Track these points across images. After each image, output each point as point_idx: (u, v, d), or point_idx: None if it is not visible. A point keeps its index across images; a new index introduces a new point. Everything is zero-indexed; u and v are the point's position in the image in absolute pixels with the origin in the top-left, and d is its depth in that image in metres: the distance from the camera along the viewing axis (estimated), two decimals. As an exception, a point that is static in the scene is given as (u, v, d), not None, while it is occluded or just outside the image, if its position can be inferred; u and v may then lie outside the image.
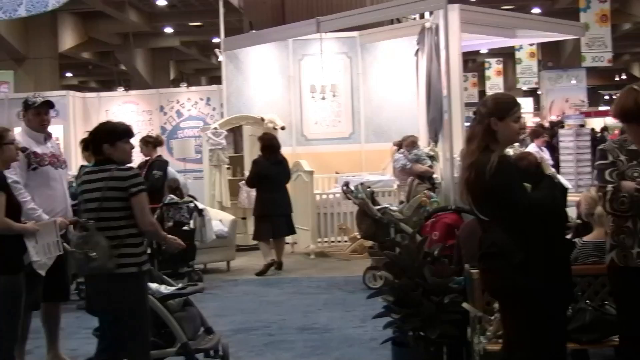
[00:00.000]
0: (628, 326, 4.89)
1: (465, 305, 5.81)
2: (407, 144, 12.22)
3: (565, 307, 4.81)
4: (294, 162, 13.99)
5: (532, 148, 14.26)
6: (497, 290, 4.65)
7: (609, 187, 4.73)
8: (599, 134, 29.31)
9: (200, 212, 11.15)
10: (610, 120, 35.99)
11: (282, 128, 14.51)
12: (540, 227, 4.48)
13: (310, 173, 13.36)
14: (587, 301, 5.79)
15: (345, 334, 8.14)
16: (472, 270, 5.55)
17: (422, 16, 14.16)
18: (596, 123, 33.58)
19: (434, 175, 11.95)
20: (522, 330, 4.55)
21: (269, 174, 12.06)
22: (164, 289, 6.35)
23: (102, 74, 46.11)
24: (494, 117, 4.59)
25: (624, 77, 66.17)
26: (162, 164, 11.70)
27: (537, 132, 15.64)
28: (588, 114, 36.94)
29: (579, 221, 6.78)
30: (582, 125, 15.77)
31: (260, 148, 12.45)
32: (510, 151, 5.43)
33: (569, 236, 5.69)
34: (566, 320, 5.04)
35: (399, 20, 15.54)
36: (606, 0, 32.42)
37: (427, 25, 12.09)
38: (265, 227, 12.07)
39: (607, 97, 61.81)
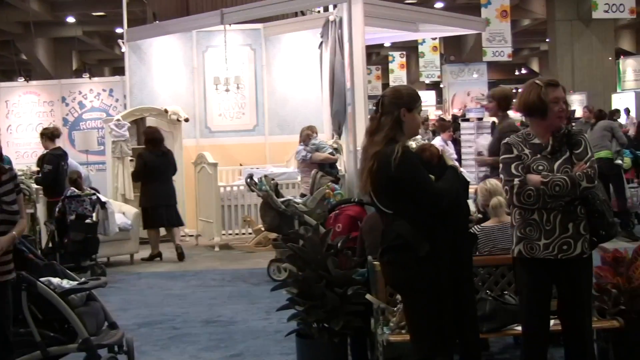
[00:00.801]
0: (531, 316, 5.02)
1: (368, 296, 5.86)
2: (304, 137, 12.28)
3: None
4: (197, 154, 13.92)
5: (437, 141, 14.47)
6: (403, 282, 4.69)
7: (516, 181, 4.84)
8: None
9: (103, 204, 11.02)
10: (511, 114, 36.79)
11: (186, 120, 14.42)
12: (444, 218, 4.55)
13: (214, 165, 13.30)
14: (487, 291, 5.91)
15: (249, 327, 8.13)
16: (375, 262, 5.61)
17: (326, 9, 14.20)
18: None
19: (337, 164, 12.07)
20: (422, 322, 4.62)
21: (154, 166, 12.44)
22: (65, 283, 6.23)
23: (2, 63, 44.92)
24: (405, 107, 4.65)
25: (523, 71, 67.62)
26: (54, 158, 11.55)
27: (444, 126, 15.86)
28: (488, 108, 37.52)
29: (479, 215, 6.93)
30: (482, 119, 15.99)
31: (144, 141, 12.85)
32: (412, 143, 5.50)
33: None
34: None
35: (303, 13, 15.56)
36: (507, -4, 33.00)
37: (331, 18, 12.13)
38: (153, 217, 12.41)
39: (507, 91, 62.95)
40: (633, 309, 6.11)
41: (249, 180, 11.17)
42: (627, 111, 27.54)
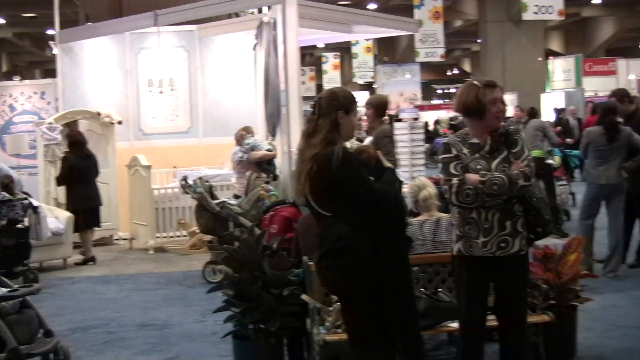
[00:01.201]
0: (469, 313, 5.11)
1: (304, 297, 5.90)
2: (238, 138, 12.30)
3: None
4: (131, 157, 13.81)
5: (369, 141, 14.55)
6: (342, 288, 4.71)
7: (455, 180, 4.92)
8: (430, 127, 30.25)
9: (35, 209, 10.89)
10: (443, 114, 37.19)
11: (119, 122, 14.30)
12: (384, 219, 4.60)
13: (148, 168, 13.22)
14: (422, 289, 5.99)
15: (185, 329, 8.11)
16: (311, 263, 5.64)
17: (260, 11, 14.20)
18: (430, 116, 34.56)
19: (275, 160, 12.10)
20: (364, 325, 4.66)
21: (80, 169, 12.52)
22: (-4, 290, 6.15)
23: None
24: (342, 110, 4.70)
25: (455, 72, 68.38)
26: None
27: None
28: (422, 108, 37.96)
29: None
30: (416, 119, 16.14)
31: (67, 145, 12.86)
32: (348, 144, 5.56)
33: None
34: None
35: (237, 15, 15.54)
36: (439, -3, 33.35)
37: (265, 19, 12.14)
38: (85, 220, 12.45)
39: (440, 92, 63.71)
40: (562, 303, 6.26)
41: (183, 182, 11.14)
42: (557, 111, 28.03)
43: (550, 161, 13.13)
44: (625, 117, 9.87)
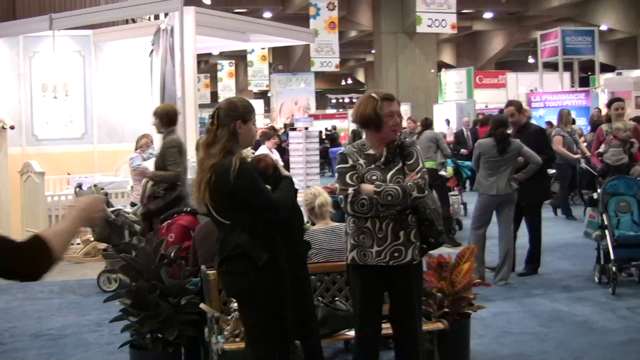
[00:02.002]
0: (364, 321, 5.20)
1: (202, 305, 5.89)
2: (141, 144, 12.16)
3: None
4: (24, 163, 13.52)
5: (263, 150, 14.58)
6: (240, 291, 4.76)
7: (350, 190, 5.01)
8: (327, 134, 30.45)
9: None
10: (338, 123, 37.48)
11: (12, 127, 13.96)
12: (281, 227, 4.66)
13: (42, 174, 12.96)
14: (319, 298, 6.06)
15: (81, 339, 7.97)
16: (209, 272, 5.65)
17: (157, 17, 14.11)
18: (324, 125, 34.79)
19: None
20: (262, 328, 4.71)
21: None
22: None
23: None
24: (240, 119, 4.73)
25: (350, 81, 68.98)
26: None
27: (268, 134, 15.97)
28: (316, 117, 38.17)
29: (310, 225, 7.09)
30: (307, 128, 16.26)
31: None
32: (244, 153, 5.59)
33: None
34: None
35: (134, 21, 15.38)
36: (334, 8, 33.71)
37: (163, 26, 12.07)
38: None
39: (334, 101, 64.19)
40: (456, 311, 6.42)
41: (77, 189, 10.97)
42: (448, 122, 28.61)
43: (443, 172, 13.40)
44: (517, 129, 10.18)
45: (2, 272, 2.92)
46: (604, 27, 40.72)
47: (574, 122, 17.85)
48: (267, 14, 39.64)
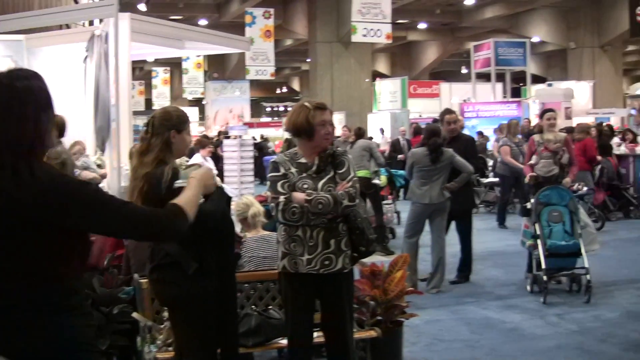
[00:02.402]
0: (296, 329, 5.21)
1: (135, 315, 5.84)
2: (74, 151, 12.02)
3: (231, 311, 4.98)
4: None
5: (197, 158, 14.50)
6: (171, 299, 4.74)
7: (281, 198, 5.02)
8: (255, 143, 30.42)
9: None
10: (272, 132, 37.49)
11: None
12: (212, 236, 4.64)
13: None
14: (253, 306, 6.06)
15: None
16: (142, 280, 5.60)
17: (91, 23, 13.96)
18: (258, 133, 34.76)
19: (101, 184, 11.85)
20: (194, 336, 4.69)
21: None
22: None
23: None
24: (174, 129, 4.72)
25: (285, 90, 69.03)
26: None
27: (202, 142, 15.90)
28: (251, 125, 38.11)
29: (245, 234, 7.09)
30: (240, 136, 16.23)
31: None
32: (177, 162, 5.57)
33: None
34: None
35: (68, 26, 15.19)
36: (270, 16, 33.76)
37: (97, 32, 11.93)
38: None
39: (269, 109, 64.19)
40: (389, 318, 6.47)
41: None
42: (382, 131, 28.79)
43: (376, 181, 13.48)
44: (450, 139, 10.31)
45: (148, 235, 3.44)
46: (535, 39, 41.43)
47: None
48: (203, 22, 39.52)
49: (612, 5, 36.20)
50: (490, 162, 19.25)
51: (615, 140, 18.60)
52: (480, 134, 23.93)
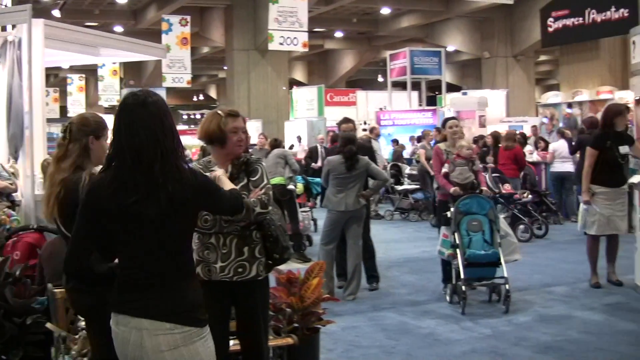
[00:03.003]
0: (212, 336, 5.19)
1: (49, 325, 5.77)
2: (-14, 159, 11.79)
3: None
4: None
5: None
6: (87, 308, 4.69)
7: None
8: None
9: None
10: (189, 140, 37.22)
11: None
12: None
13: None
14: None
15: None
16: (55, 290, 5.53)
17: (3, 28, 13.70)
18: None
19: (14, 194, 11.63)
20: (110, 347, 4.65)
21: None
22: None
23: None
24: (93, 135, 4.69)
25: (202, 98, 68.70)
26: None
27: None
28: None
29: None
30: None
31: None
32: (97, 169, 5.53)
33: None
34: None
35: (-22, 32, 14.89)
36: (187, 24, 33.60)
37: (10, 38, 11.73)
38: None
39: (185, 117, 63.82)
40: (305, 326, 6.50)
41: None
42: (299, 139, 28.88)
43: (291, 187, 13.52)
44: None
45: (239, 211, 4.56)
46: (450, 49, 42.05)
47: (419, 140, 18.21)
48: (119, 29, 39.11)
49: (524, 16, 36.94)
50: (407, 169, 19.47)
51: (528, 148, 18.99)
52: (395, 141, 24.18)
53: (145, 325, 3.71)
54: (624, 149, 9.80)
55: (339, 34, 46.03)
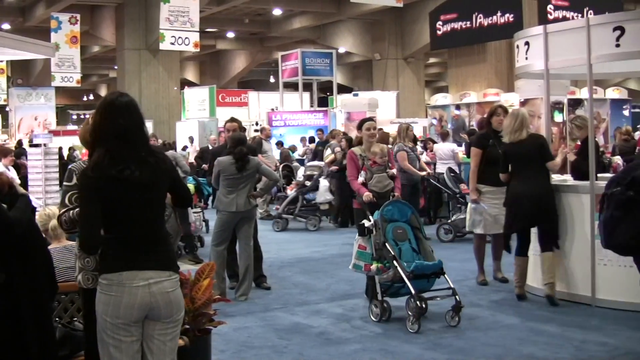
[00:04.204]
0: (94, 342, 5.13)
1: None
2: None
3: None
4: None
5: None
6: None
7: (62, 210, 4.88)
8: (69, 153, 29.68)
9: None
10: (77, 140, 36.62)
11: None
12: (18, 247, 4.54)
13: None
14: (57, 318, 5.92)
15: None
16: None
17: None
18: (65, 142, 33.88)
19: None
20: (3, 349, 4.57)
21: None
22: None
23: None
24: None
25: (92, 97, 67.60)
26: None
27: (4, 151, 15.36)
28: (57, 133, 37.10)
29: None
30: (45, 145, 15.77)
31: None
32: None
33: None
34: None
35: None
36: (76, 22, 33.07)
37: None
38: None
39: (75, 117, 62.70)
40: (196, 327, 6.47)
41: None
42: (191, 139, 28.73)
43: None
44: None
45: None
46: (342, 50, 42.42)
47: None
48: (6, 26, 38.14)
49: (414, 19, 37.51)
50: (301, 170, 19.52)
51: (418, 149, 19.28)
52: (279, 143, 24.15)
53: (151, 275, 4.44)
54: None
55: (231, 35, 45.92)
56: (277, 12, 39.49)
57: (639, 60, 9.85)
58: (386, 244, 8.47)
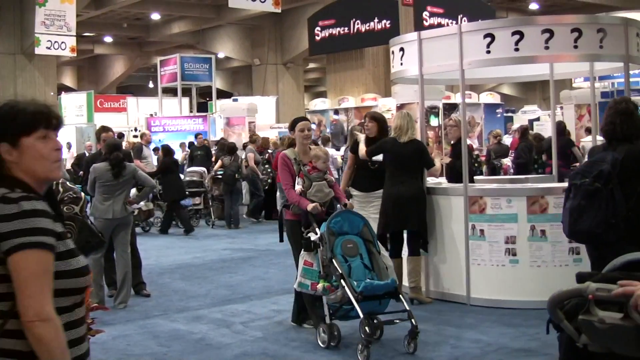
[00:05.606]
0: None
1: None
2: None
3: None
4: None
5: None
6: None
7: None
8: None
9: None
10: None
11: None
12: None
13: None
14: None
15: None
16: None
17: None
18: None
19: None
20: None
21: None
22: None
23: None
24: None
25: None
26: None
27: None
28: None
29: None
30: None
31: None
32: None
33: None
34: None
35: None
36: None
37: None
38: None
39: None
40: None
41: None
42: (69, 145, 28.21)
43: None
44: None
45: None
46: (221, 55, 42.33)
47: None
48: None
49: (293, 25, 37.74)
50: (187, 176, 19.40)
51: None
52: (156, 149, 23.88)
53: None
54: (377, 157, 9.97)
55: (109, 39, 45.25)
56: (155, 16, 39.14)
57: (511, 66, 10.22)
58: (333, 261, 7.39)
